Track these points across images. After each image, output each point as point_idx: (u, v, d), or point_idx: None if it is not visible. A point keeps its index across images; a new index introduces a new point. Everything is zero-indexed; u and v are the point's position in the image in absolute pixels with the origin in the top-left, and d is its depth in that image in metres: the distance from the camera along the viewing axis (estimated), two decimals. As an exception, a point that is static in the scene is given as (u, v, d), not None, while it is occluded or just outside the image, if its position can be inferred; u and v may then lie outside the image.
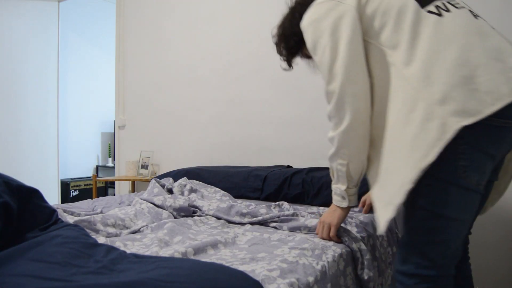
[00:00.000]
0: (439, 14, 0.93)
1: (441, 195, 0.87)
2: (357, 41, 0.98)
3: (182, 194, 1.70)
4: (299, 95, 2.38)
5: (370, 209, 1.52)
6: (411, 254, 0.93)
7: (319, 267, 0.99)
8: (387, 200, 0.90)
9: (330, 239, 1.19)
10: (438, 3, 0.96)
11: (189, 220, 1.39)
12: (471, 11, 0.96)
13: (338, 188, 1.14)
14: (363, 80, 0.98)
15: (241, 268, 0.90)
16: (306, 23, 1.06)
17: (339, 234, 1.19)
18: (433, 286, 0.91)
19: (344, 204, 1.14)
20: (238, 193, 2.03)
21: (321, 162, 2.24)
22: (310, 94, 2.33)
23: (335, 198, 1.16)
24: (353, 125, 0.99)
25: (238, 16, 2.64)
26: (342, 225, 1.26)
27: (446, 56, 0.87)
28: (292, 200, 1.90)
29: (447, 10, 0.94)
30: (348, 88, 0.97)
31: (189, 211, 1.56)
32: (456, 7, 0.96)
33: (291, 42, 1.23)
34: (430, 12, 0.94)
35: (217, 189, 1.89)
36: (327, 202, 1.79)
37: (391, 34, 0.95)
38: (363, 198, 1.52)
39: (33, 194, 1.08)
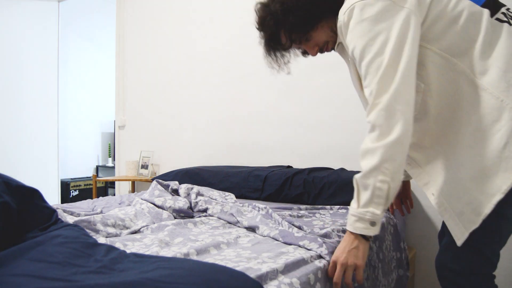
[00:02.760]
0: (509, 23, 0.93)
1: (509, 196, 0.88)
2: (416, 46, 0.91)
3: (188, 196, 1.70)
4: (299, 95, 2.37)
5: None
6: (467, 252, 0.94)
7: (321, 265, 0.99)
8: (468, 210, 0.90)
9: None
10: (504, 10, 0.95)
11: (189, 224, 1.38)
12: None
13: (369, 212, 0.90)
14: (414, 89, 0.91)
15: (247, 266, 0.90)
16: (356, 20, 0.91)
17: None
18: (486, 284, 0.95)
19: (373, 231, 0.91)
20: (238, 193, 2.02)
21: (321, 162, 2.24)
22: (310, 94, 2.33)
23: (360, 226, 0.91)
24: (403, 137, 0.87)
25: (238, 16, 2.64)
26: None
27: None
28: (293, 201, 1.90)
29: None
30: (404, 95, 0.88)
31: (189, 213, 1.55)
32: None
33: (316, 11, 1.04)
34: (499, 20, 0.93)
35: (221, 192, 1.87)
36: (328, 203, 1.80)
37: (457, 41, 0.92)
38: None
39: (33, 194, 1.08)
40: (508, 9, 0.96)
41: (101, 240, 1.12)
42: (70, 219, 1.30)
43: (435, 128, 0.97)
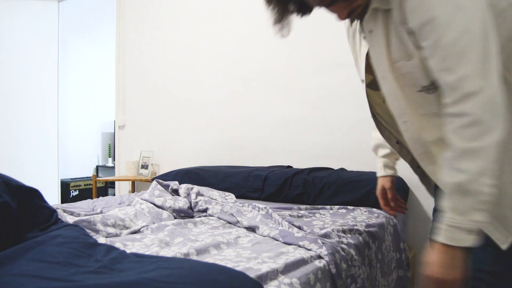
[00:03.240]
0: None
1: None
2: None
3: (188, 196, 1.70)
4: (299, 95, 2.37)
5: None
6: (507, 253, 0.87)
7: (321, 265, 0.99)
8: (511, 213, 0.85)
9: None
10: None
11: (189, 224, 1.38)
12: None
13: (472, 220, 0.78)
14: None
15: (247, 266, 0.90)
16: None
17: None
18: None
19: (476, 241, 0.79)
20: (238, 193, 2.02)
21: (321, 162, 2.24)
22: (310, 94, 2.33)
23: (461, 237, 0.78)
24: (505, 134, 0.77)
25: (239, 16, 2.64)
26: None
27: None
28: (293, 201, 1.90)
29: None
30: (500, 87, 0.76)
31: (189, 213, 1.55)
32: None
33: None
34: None
35: (222, 192, 1.87)
36: (328, 203, 1.80)
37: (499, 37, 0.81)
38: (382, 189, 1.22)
39: (33, 194, 1.08)
40: None
41: (101, 240, 1.12)
42: (70, 219, 1.30)
43: None
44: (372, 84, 1.04)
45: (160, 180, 1.85)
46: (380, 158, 1.23)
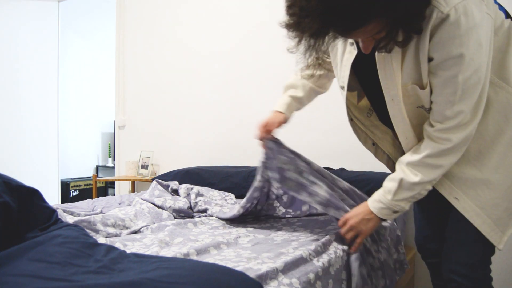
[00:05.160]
0: None
1: None
2: None
3: (188, 196, 1.70)
4: (299, 95, 2.37)
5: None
6: (481, 246, 0.99)
7: (320, 263, 0.99)
8: (505, 215, 0.95)
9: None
10: None
11: (189, 224, 1.38)
12: None
13: (399, 205, 0.99)
14: None
15: (247, 266, 0.90)
16: (471, 25, 0.76)
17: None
18: (490, 274, 1.04)
19: (393, 217, 1.04)
20: (238, 193, 2.02)
21: (321, 162, 2.24)
22: (310, 94, 2.33)
23: (385, 212, 1.02)
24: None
25: (239, 16, 2.64)
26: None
27: None
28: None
29: None
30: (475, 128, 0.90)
31: (189, 213, 1.55)
32: None
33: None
34: None
35: (222, 192, 1.87)
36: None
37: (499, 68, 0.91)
38: None
39: (33, 194, 1.08)
40: None
41: (101, 240, 1.12)
42: (70, 219, 1.30)
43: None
44: (348, 87, 1.10)
45: (160, 180, 1.85)
46: (288, 96, 1.38)
